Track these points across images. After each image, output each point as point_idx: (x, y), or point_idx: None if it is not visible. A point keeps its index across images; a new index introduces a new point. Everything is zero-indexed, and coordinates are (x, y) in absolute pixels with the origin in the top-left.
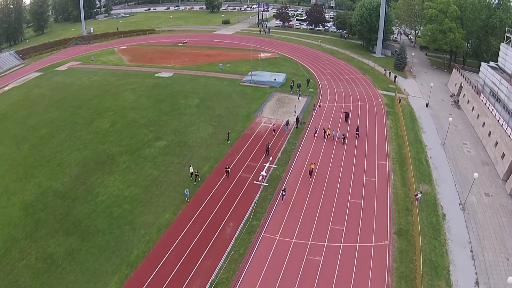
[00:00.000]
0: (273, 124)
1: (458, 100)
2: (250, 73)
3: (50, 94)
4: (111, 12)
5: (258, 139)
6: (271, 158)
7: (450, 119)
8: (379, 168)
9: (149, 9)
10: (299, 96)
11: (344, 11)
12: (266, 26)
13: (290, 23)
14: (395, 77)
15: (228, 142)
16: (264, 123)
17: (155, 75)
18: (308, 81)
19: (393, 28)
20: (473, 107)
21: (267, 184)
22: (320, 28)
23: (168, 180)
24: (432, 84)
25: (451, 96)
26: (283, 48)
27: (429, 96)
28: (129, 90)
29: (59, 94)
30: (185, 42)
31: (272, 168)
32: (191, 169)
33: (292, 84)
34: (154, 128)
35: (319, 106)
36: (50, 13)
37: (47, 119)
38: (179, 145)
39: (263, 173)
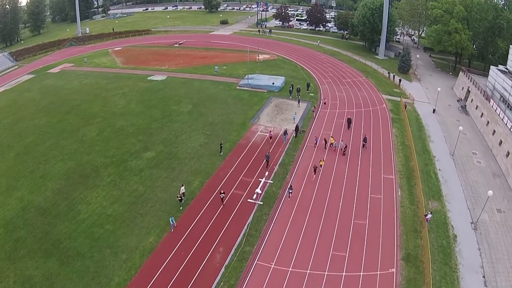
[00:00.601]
0: (270, 132)
1: (465, 105)
2: (246, 76)
3: (39, 99)
4: (109, 12)
5: (253, 150)
6: (266, 173)
7: (461, 128)
8: (385, 183)
9: (147, 9)
10: (299, 102)
11: (345, 11)
12: (266, 27)
13: (290, 23)
14: (400, 80)
15: (221, 153)
16: (260, 132)
17: (148, 78)
18: (308, 85)
19: (397, 28)
20: (482, 113)
21: (262, 203)
22: (321, 29)
23: (154, 197)
24: (439, 89)
25: (458, 100)
26: (282, 49)
27: (436, 102)
28: (119, 95)
29: (49, 98)
30: (181, 43)
31: (268, 184)
32: (182, 189)
33: (291, 89)
34: (142, 137)
35: (324, 103)
36: (48, 13)
37: (34, 126)
38: (168, 156)
39: (258, 190)
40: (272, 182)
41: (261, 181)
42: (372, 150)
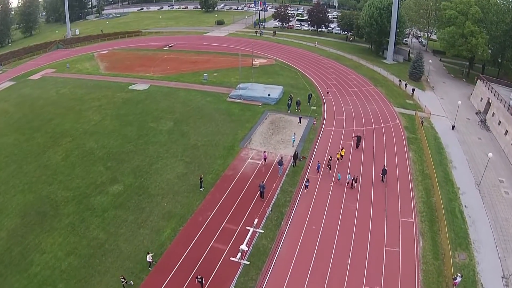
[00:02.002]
0: (264, 153)
1: (485, 120)
2: (238, 85)
3: (13, 111)
4: (103, 12)
5: (241, 185)
6: (256, 221)
7: (490, 154)
8: (403, 229)
9: (142, 9)
10: (300, 120)
11: (349, 10)
12: (264, 27)
13: (290, 23)
14: (413, 90)
15: (202, 189)
16: (251, 159)
17: (129, 87)
18: (309, 97)
19: (406, 30)
20: (507, 131)
21: (248, 263)
22: (323, 30)
23: (116, 250)
24: (459, 102)
25: (477, 113)
26: (281, 52)
27: (455, 117)
28: (95, 108)
29: (23, 110)
30: (171, 46)
31: (257, 235)
32: (149, 258)
33: (290, 101)
34: (112, 163)
35: (327, 92)
36: (44, 13)
37: (0, 145)
38: (137, 192)
39: (243, 247)
40: (262, 232)
41: (249, 230)
42: (386, 182)
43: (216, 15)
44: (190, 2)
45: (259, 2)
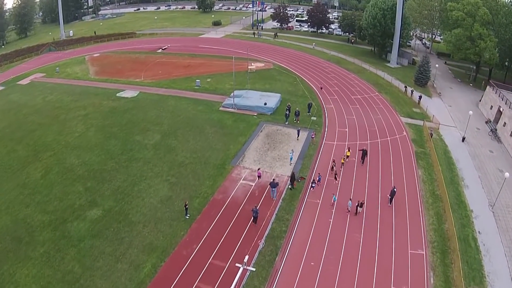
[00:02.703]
0: (258, 170)
1: (496, 129)
2: (232, 93)
3: None
4: (99, 12)
5: (232, 211)
6: (246, 258)
7: (507, 174)
8: (413, 263)
9: (139, 9)
10: (298, 133)
11: (351, 11)
12: (262, 28)
13: (289, 24)
14: (420, 97)
15: (187, 216)
16: (244, 179)
17: (117, 94)
18: (309, 106)
19: (411, 32)
20: None
21: None
22: (324, 31)
23: (92, 287)
24: (471, 112)
25: (486, 122)
26: (279, 55)
27: (466, 128)
28: (80, 118)
29: (8, 119)
30: (164, 49)
31: (248, 273)
32: None
33: (288, 112)
34: (92, 183)
35: (321, 88)
36: (40, 13)
37: None
38: (117, 218)
39: None
40: (254, 270)
41: (239, 267)
42: (394, 206)
43: (212, 16)
44: (187, 2)
45: (257, 2)
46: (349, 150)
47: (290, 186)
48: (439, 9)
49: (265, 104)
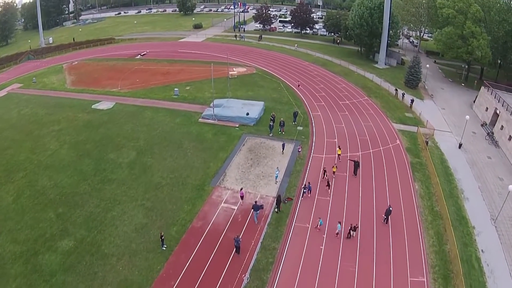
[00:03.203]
0: (241, 191)
1: (493, 133)
2: (212, 103)
3: None
4: (80, 18)
5: (212, 239)
6: None
7: (511, 187)
8: None
9: (120, 13)
10: (283, 147)
11: (336, 10)
12: (244, 30)
13: (272, 25)
14: (412, 101)
15: (164, 247)
16: (225, 202)
17: (92, 106)
18: (295, 115)
19: (399, 31)
20: None
21: None
22: (308, 31)
23: None
24: (467, 117)
25: (482, 125)
26: (262, 59)
27: (462, 134)
28: (54, 133)
29: None
30: (143, 55)
31: None
32: None
33: (272, 122)
34: (63, 209)
35: (299, 85)
36: (22, 20)
37: None
38: (89, 250)
39: None
40: None
41: None
42: (391, 226)
43: (193, 18)
44: (168, 5)
45: (239, 3)
46: (340, 148)
47: (276, 210)
48: (427, 6)
49: (247, 114)
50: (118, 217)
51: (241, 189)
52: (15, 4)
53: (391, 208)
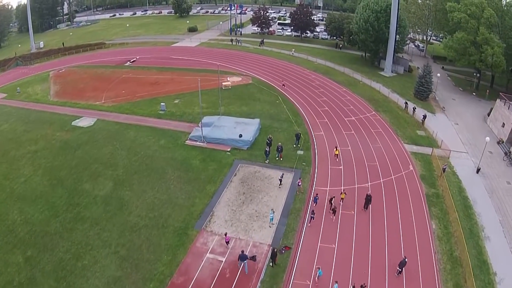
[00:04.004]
0: (226, 236)
1: (511, 152)
2: (201, 121)
3: None
4: (74, 20)
5: None
6: None
7: None
8: None
9: (114, 15)
10: (281, 180)
11: (338, 12)
12: (241, 34)
13: (270, 29)
14: (424, 117)
15: None
16: (211, 252)
17: (72, 123)
18: (298, 137)
19: (407, 37)
20: None
21: None
22: (308, 35)
23: None
24: (487, 139)
25: (498, 143)
26: (259, 66)
27: (481, 156)
28: (29, 155)
29: None
30: (133, 61)
31: None
32: None
33: (268, 148)
34: (32, 252)
35: (283, 85)
36: (16, 22)
37: None
38: None
39: None
40: None
41: None
42: (405, 278)
43: (188, 21)
44: (164, 6)
45: (235, 5)
46: (336, 149)
47: (271, 263)
48: (434, 9)
49: (240, 136)
50: (90, 267)
51: (225, 234)
52: (9, 6)
53: (406, 260)
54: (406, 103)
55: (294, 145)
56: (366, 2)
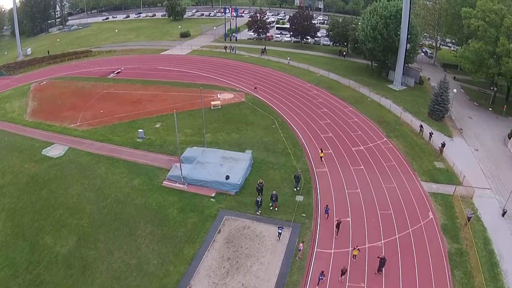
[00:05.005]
0: None
1: None
2: (183, 155)
3: None
4: (67, 23)
5: None
6: None
7: None
8: None
9: (107, 18)
10: (280, 233)
11: (341, 16)
12: (237, 40)
13: (268, 34)
14: (443, 146)
15: None
16: None
17: (43, 151)
18: (297, 180)
19: (418, 45)
20: None
21: None
22: (309, 41)
23: None
24: None
25: None
26: (255, 79)
27: (508, 198)
28: None
29: None
30: (117, 72)
31: None
32: None
33: (260, 197)
34: None
35: (255, 88)
36: (9, 26)
37: None
38: None
39: None
40: None
41: None
42: None
43: (179, 27)
44: (159, 9)
45: (230, 8)
46: (322, 151)
47: None
48: (445, 14)
49: (227, 178)
50: None
51: None
52: (2, 9)
53: None
54: (421, 126)
55: (296, 189)
56: (373, 7)
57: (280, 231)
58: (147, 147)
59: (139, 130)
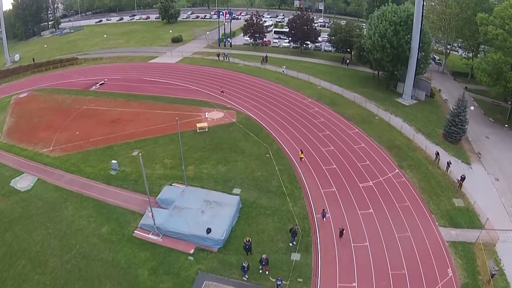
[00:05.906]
0: None
1: None
2: (159, 196)
3: None
4: (59, 27)
5: None
6: None
7: None
8: None
9: (101, 21)
10: (279, 286)
11: (344, 19)
12: (231, 45)
13: (265, 39)
14: (463, 179)
15: None
16: None
17: (11, 182)
18: (294, 234)
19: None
20: None
21: None
22: (309, 46)
23: None
24: None
25: None
26: (247, 93)
27: None
28: None
29: None
30: (101, 84)
31: None
32: None
33: (245, 264)
34: None
35: (222, 91)
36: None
37: None
38: None
39: None
40: None
41: None
42: None
43: (171, 31)
44: (153, 11)
45: (224, 11)
46: (302, 152)
47: None
48: (456, 19)
49: (209, 231)
50: None
51: None
52: None
53: None
54: (437, 153)
55: (291, 243)
56: (381, 12)
57: (279, 282)
58: (120, 183)
59: (113, 162)
